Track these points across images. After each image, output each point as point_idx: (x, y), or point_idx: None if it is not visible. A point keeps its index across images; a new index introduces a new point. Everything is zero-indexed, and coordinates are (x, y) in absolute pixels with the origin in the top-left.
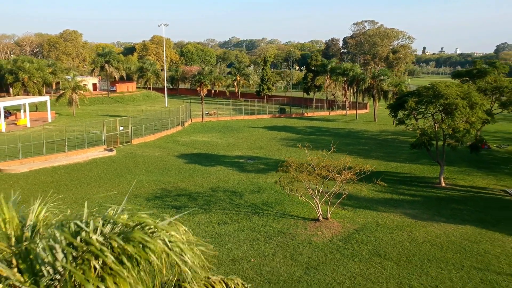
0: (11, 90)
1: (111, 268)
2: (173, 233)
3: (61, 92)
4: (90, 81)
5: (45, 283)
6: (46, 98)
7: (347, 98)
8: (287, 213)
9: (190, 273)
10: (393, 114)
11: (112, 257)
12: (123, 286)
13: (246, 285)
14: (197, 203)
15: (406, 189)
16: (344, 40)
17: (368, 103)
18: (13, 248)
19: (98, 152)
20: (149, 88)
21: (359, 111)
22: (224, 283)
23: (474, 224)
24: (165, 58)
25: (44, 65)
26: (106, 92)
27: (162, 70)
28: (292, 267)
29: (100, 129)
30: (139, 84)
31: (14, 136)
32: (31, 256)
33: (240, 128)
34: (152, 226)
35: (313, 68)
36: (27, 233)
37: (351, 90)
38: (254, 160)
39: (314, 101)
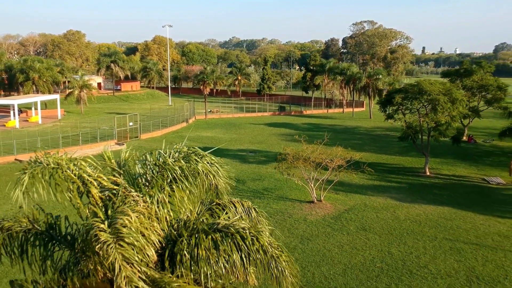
0: (20, 88)
1: (177, 180)
2: (213, 157)
3: (69, 90)
4: (95, 80)
5: (140, 185)
6: (56, 96)
7: (344, 97)
8: (285, 197)
9: (223, 185)
10: (382, 110)
11: (179, 171)
12: (182, 193)
13: (255, 207)
14: None
15: (393, 177)
16: (343, 40)
17: (364, 101)
18: (118, 169)
19: (109, 146)
20: (153, 87)
21: (356, 109)
22: (241, 203)
23: (451, 206)
24: (168, 58)
25: (52, 64)
26: (111, 91)
27: (164, 69)
28: (289, 238)
29: (109, 125)
30: (143, 83)
31: (28, 132)
32: (131, 172)
33: (241, 124)
34: (201, 153)
35: (312, 68)
36: (123, 162)
37: (348, 88)
38: (255, 153)
39: (312, 100)
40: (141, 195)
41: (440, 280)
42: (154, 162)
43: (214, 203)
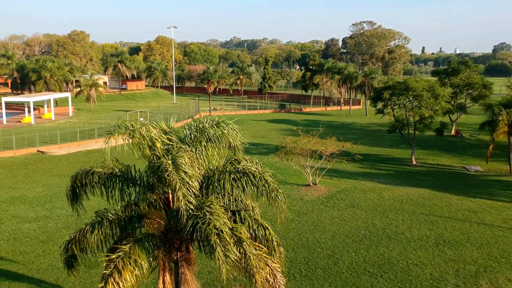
0: (32, 87)
1: (210, 139)
2: (234, 125)
3: (78, 89)
4: (102, 79)
5: (187, 142)
6: (68, 94)
7: (342, 95)
8: (284, 181)
9: (239, 145)
10: (373, 105)
11: (212, 133)
12: (213, 149)
13: (260, 163)
14: None
15: (382, 166)
16: (343, 40)
17: (361, 100)
18: (171, 132)
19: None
20: (157, 86)
21: (353, 107)
22: (250, 159)
23: (431, 188)
24: (173, 58)
25: (62, 64)
26: (117, 90)
27: (167, 69)
28: (287, 213)
29: (119, 121)
30: (147, 82)
31: (44, 127)
32: (180, 134)
33: (243, 121)
34: (227, 122)
35: (311, 68)
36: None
37: (345, 87)
38: (257, 146)
39: (312, 98)
40: (188, 148)
41: (412, 243)
42: (195, 127)
43: (233, 159)
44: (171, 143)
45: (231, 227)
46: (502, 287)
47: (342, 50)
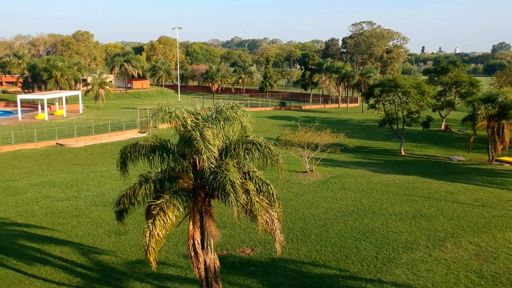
0: (43, 86)
1: (227, 119)
2: (245, 108)
3: (83, 88)
4: (109, 78)
5: (210, 120)
6: (78, 92)
7: (339, 93)
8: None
9: (249, 125)
10: (366, 101)
11: (228, 114)
12: (229, 127)
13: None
14: None
15: (374, 156)
16: (343, 40)
17: (358, 98)
18: (197, 113)
19: (133, 134)
20: (161, 85)
21: (350, 105)
22: (258, 137)
23: (415, 175)
24: (178, 58)
25: (72, 63)
26: (123, 88)
27: (170, 68)
28: (286, 194)
29: (128, 118)
30: (151, 81)
31: (58, 123)
32: (204, 115)
33: None
34: (239, 106)
35: (310, 67)
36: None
37: (343, 85)
38: None
39: (311, 96)
40: (211, 125)
41: (393, 216)
42: (215, 109)
43: (244, 135)
44: (198, 121)
45: (241, 181)
46: (463, 247)
47: (342, 50)
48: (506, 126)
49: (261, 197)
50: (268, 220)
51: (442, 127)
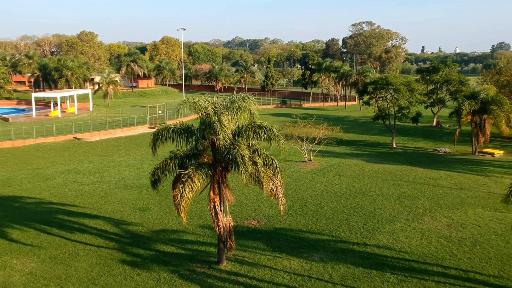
0: (52, 85)
1: (239, 108)
2: (253, 98)
3: (90, 87)
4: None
5: (225, 108)
6: (88, 91)
7: (338, 92)
8: (285, 159)
9: (256, 113)
10: (360, 97)
11: (240, 103)
12: (241, 114)
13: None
14: None
15: (367, 149)
16: (343, 40)
17: (356, 96)
18: (215, 103)
19: (144, 129)
20: (165, 84)
21: (348, 103)
22: (264, 122)
23: (404, 164)
24: (182, 58)
25: (81, 63)
26: (129, 87)
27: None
28: (287, 180)
29: (137, 115)
30: (156, 81)
31: (71, 119)
32: (220, 104)
33: None
34: (249, 96)
35: (310, 67)
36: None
37: (341, 84)
38: None
39: (311, 95)
40: (227, 112)
41: (381, 197)
42: (229, 99)
43: (253, 121)
44: (216, 109)
45: (250, 155)
46: (438, 220)
47: (342, 49)
48: (487, 121)
49: (267, 169)
50: (272, 186)
51: (434, 123)
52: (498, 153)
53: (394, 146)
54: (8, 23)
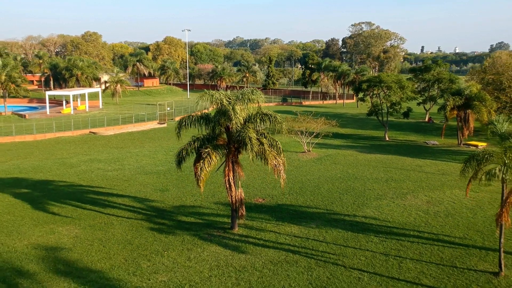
0: (63, 84)
1: (249, 99)
2: (260, 92)
3: (97, 86)
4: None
5: (238, 100)
6: (99, 89)
7: (337, 90)
8: (286, 150)
9: (262, 105)
10: (356, 94)
11: (249, 96)
12: (251, 104)
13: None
14: None
15: (362, 141)
16: (343, 40)
17: (353, 94)
18: (228, 95)
19: (154, 125)
20: (170, 84)
21: (347, 101)
22: (269, 111)
23: (394, 154)
24: (187, 59)
25: (91, 63)
26: (135, 86)
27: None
28: (288, 166)
29: (145, 112)
30: (161, 80)
31: (83, 116)
32: (244, 97)
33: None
34: (257, 90)
35: (310, 66)
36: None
37: (340, 83)
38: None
39: (311, 93)
40: (239, 102)
41: (371, 180)
42: (241, 93)
43: (259, 110)
44: (230, 100)
45: (257, 137)
46: (419, 198)
47: (342, 49)
48: (471, 115)
49: (271, 149)
50: (276, 163)
51: (426, 119)
52: (482, 145)
53: (387, 139)
54: (8, 23)
